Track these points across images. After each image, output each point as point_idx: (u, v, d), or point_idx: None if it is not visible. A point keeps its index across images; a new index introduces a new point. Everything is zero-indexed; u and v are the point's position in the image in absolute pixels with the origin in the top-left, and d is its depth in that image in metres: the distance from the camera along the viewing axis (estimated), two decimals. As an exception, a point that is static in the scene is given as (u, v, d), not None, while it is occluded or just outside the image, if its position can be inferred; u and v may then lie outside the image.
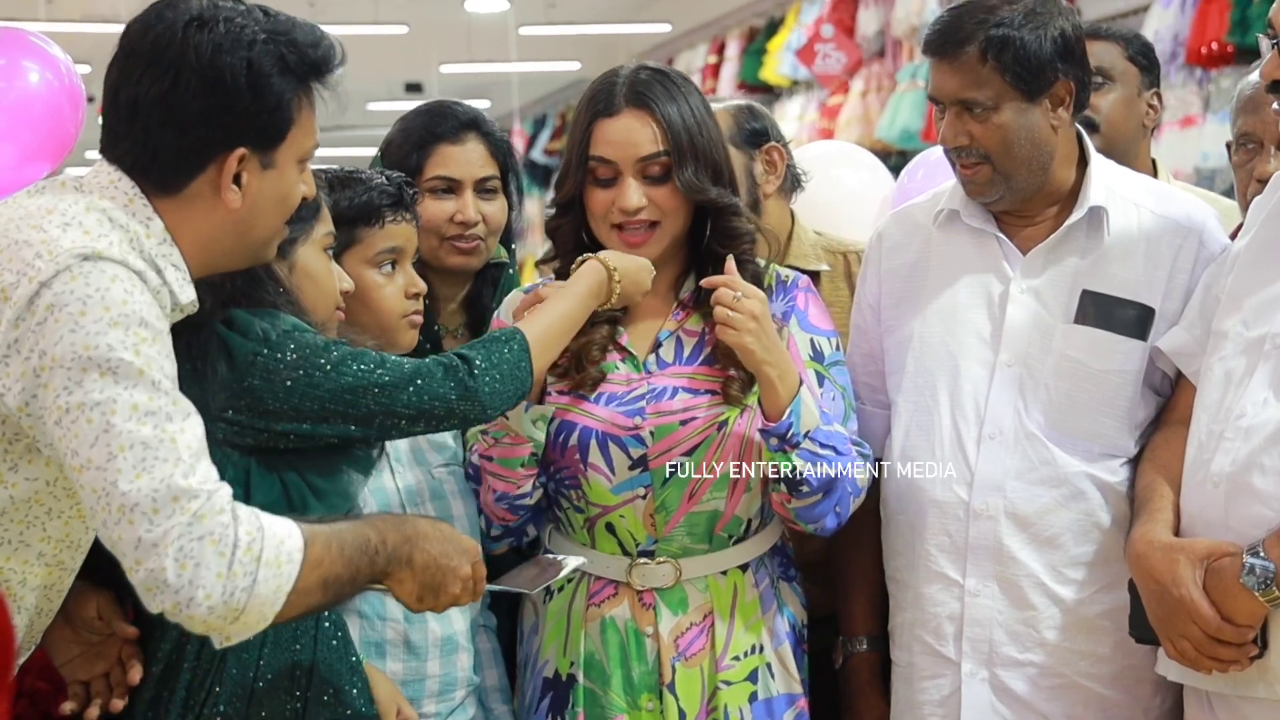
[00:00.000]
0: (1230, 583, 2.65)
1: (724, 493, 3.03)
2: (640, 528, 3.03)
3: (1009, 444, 3.06)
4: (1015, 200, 3.10)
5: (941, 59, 3.04)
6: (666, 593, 3.04)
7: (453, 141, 3.38)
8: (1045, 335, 3.07)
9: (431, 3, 16.59)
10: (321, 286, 2.79)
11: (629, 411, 3.02)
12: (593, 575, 3.07)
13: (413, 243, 3.06)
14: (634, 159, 2.98)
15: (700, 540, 3.05)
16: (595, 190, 3.02)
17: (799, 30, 13.83)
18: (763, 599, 3.10)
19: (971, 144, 3.04)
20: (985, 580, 3.07)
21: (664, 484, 3.01)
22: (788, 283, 3.15)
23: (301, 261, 2.76)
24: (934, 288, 3.19)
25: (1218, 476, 2.73)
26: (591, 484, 3.03)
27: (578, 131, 3.03)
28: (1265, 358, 2.74)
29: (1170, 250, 3.07)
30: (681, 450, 3.01)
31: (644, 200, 2.98)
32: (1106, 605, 3.03)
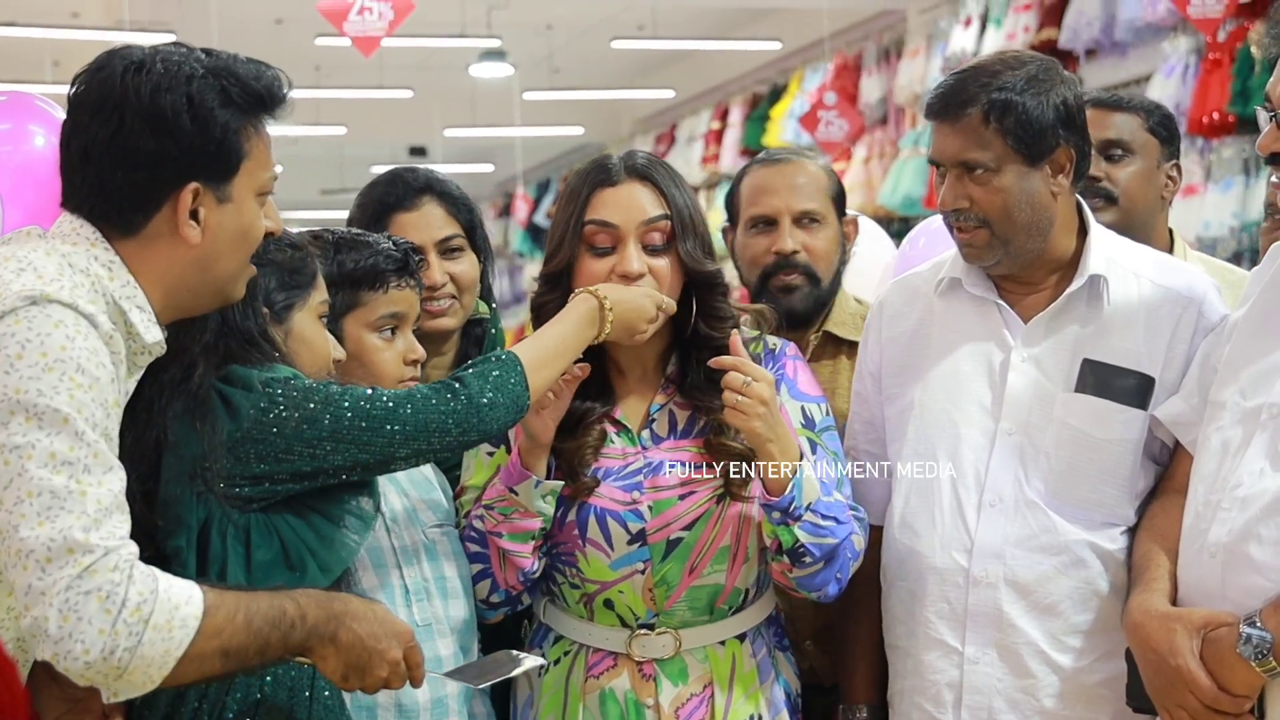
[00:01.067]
0: (1227, 653, 2.65)
1: (724, 565, 3.04)
2: (639, 602, 3.03)
3: (1009, 512, 3.07)
4: (1014, 265, 3.11)
5: (943, 121, 3.07)
6: (666, 663, 3.04)
7: (408, 209, 3.41)
8: (1046, 404, 3.09)
9: (436, 68, 16.70)
10: (316, 352, 2.80)
11: (627, 486, 3.02)
12: (590, 647, 3.07)
13: (414, 309, 3.08)
14: (638, 222, 2.99)
15: (701, 613, 3.06)
16: (591, 260, 3.01)
17: (802, 97, 13.93)
18: (760, 668, 3.10)
19: (971, 207, 3.05)
20: (984, 648, 3.07)
21: (663, 559, 3.01)
22: (775, 351, 3.16)
23: (297, 327, 2.78)
24: (935, 356, 3.20)
25: (1214, 546, 2.74)
26: (590, 560, 3.02)
27: (573, 203, 3.03)
28: (1262, 428, 2.75)
29: (1170, 320, 3.09)
30: (681, 525, 3.01)
31: (645, 268, 2.98)
32: (1106, 674, 3.03)
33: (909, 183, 11.94)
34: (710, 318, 3.06)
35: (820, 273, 3.65)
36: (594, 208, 3.01)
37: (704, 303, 3.07)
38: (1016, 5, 11.08)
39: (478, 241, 3.46)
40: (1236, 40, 8.89)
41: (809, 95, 13.68)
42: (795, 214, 3.64)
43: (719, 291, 3.07)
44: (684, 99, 17.28)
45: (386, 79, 15.68)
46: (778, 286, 3.63)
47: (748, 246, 3.69)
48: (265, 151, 2.46)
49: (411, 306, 3.06)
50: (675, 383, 3.11)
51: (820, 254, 3.65)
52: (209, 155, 2.37)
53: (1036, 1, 10.89)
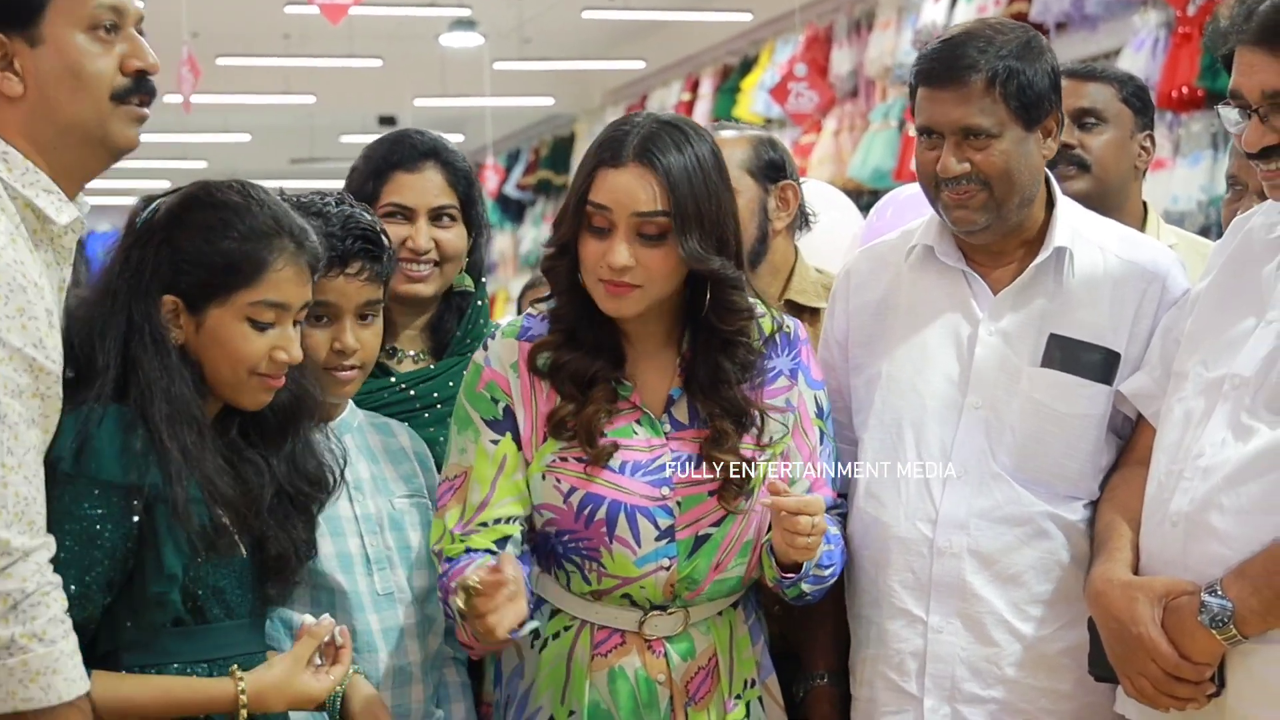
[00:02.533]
0: (1188, 621, 2.68)
1: (746, 558, 3.02)
2: (659, 594, 2.97)
3: (974, 483, 3.08)
4: (997, 233, 3.12)
5: (943, 87, 3.06)
6: (674, 638, 3.00)
7: (409, 170, 3.38)
8: (1012, 378, 3.10)
9: (406, 37, 16.64)
10: (230, 352, 2.64)
11: (656, 481, 2.95)
12: (596, 625, 3.00)
13: (349, 299, 3.00)
14: (629, 212, 2.87)
15: (717, 601, 3.04)
16: (589, 239, 2.91)
17: (773, 69, 13.93)
18: (751, 633, 3.11)
19: (973, 170, 3.06)
20: (948, 617, 3.08)
21: (690, 555, 2.96)
22: (791, 335, 3.09)
23: (211, 323, 2.64)
24: (903, 327, 3.21)
25: (1176, 516, 2.77)
26: (615, 557, 2.94)
27: (581, 176, 2.94)
28: (1224, 398, 2.78)
29: (1135, 295, 3.11)
30: (709, 522, 2.97)
31: (632, 260, 2.86)
32: (1068, 643, 3.05)
33: (879, 155, 11.94)
34: (723, 310, 2.95)
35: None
36: (594, 188, 2.90)
37: (715, 294, 2.94)
38: (988, -23, 11.10)
39: (472, 215, 3.44)
40: (1206, 14, 8.91)
41: (779, 67, 13.66)
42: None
43: (729, 285, 2.93)
44: (655, 70, 17.25)
45: (356, 48, 15.62)
46: None
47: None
48: None
49: (342, 296, 2.99)
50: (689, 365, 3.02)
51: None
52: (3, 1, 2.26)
53: (1007, -26, 10.90)
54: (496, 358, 3.01)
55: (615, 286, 2.89)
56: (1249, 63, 2.71)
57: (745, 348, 3.00)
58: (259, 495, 2.67)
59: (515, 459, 2.97)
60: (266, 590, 2.71)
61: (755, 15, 14.83)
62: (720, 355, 2.98)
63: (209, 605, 2.59)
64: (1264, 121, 2.70)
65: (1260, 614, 2.63)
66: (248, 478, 2.67)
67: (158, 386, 2.54)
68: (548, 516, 2.97)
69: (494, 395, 2.99)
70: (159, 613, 2.53)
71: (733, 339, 2.97)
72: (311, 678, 2.61)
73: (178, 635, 2.57)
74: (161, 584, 2.52)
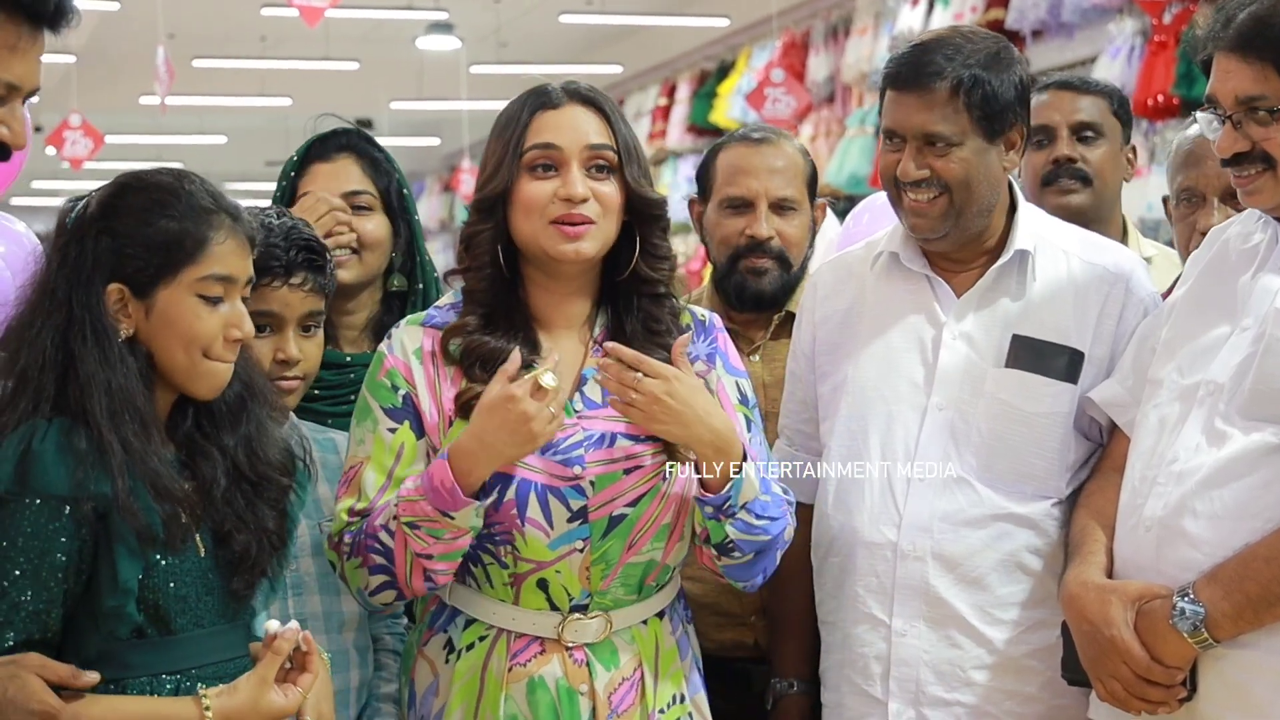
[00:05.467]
0: (1161, 624, 2.69)
1: (662, 543, 2.91)
2: (575, 582, 2.86)
3: (937, 486, 3.08)
4: (956, 241, 3.13)
5: (908, 92, 3.07)
6: (597, 647, 2.89)
7: (324, 160, 3.40)
8: (977, 379, 3.11)
9: (383, 40, 16.65)
10: (183, 332, 2.57)
11: (567, 460, 2.85)
12: (514, 633, 2.89)
13: (292, 309, 3.02)
14: (582, 145, 2.86)
15: (632, 591, 2.92)
16: (531, 183, 2.86)
17: (749, 74, 13.95)
18: (679, 646, 3.01)
19: (932, 176, 3.07)
20: (912, 620, 3.08)
21: (604, 535, 2.86)
22: (706, 322, 3.05)
23: (161, 305, 2.56)
24: (868, 333, 3.21)
25: (1150, 521, 2.77)
26: (527, 540, 2.84)
27: (511, 127, 2.90)
28: (1199, 404, 2.78)
29: (1098, 296, 3.13)
30: (625, 501, 2.86)
31: (589, 191, 2.85)
32: (1034, 646, 3.05)
33: (855, 161, 11.98)
34: (652, 256, 2.93)
35: (792, 258, 3.63)
36: (535, 131, 2.88)
37: (645, 239, 2.93)
38: (964, -15, 11.13)
39: (393, 206, 3.43)
40: (1182, 23, 8.94)
41: (756, 72, 13.69)
42: (773, 200, 3.61)
43: (661, 225, 2.94)
44: (631, 74, 17.28)
45: (333, 50, 15.63)
46: (748, 268, 3.60)
47: (720, 226, 3.66)
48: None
49: (285, 305, 3.00)
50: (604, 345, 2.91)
51: (793, 240, 3.64)
52: None
53: (984, -19, 10.93)
54: (399, 345, 2.95)
55: (571, 225, 2.85)
56: (1225, 69, 2.73)
57: (672, 300, 2.98)
58: (212, 487, 2.61)
59: (413, 449, 2.90)
60: (233, 586, 2.63)
61: (732, 20, 14.87)
62: (652, 306, 2.95)
63: (172, 615, 2.54)
64: (1237, 128, 2.73)
65: (1232, 618, 2.64)
66: (200, 470, 2.62)
67: (97, 381, 2.49)
68: None
69: (394, 383, 2.92)
70: (119, 625, 2.49)
71: (661, 293, 2.95)
72: (279, 695, 2.55)
73: (142, 648, 2.52)
74: (116, 596, 2.47)
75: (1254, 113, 2.70)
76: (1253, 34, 2.69)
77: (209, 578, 2.59)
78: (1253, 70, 2.69)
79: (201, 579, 2.58)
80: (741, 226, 3.62)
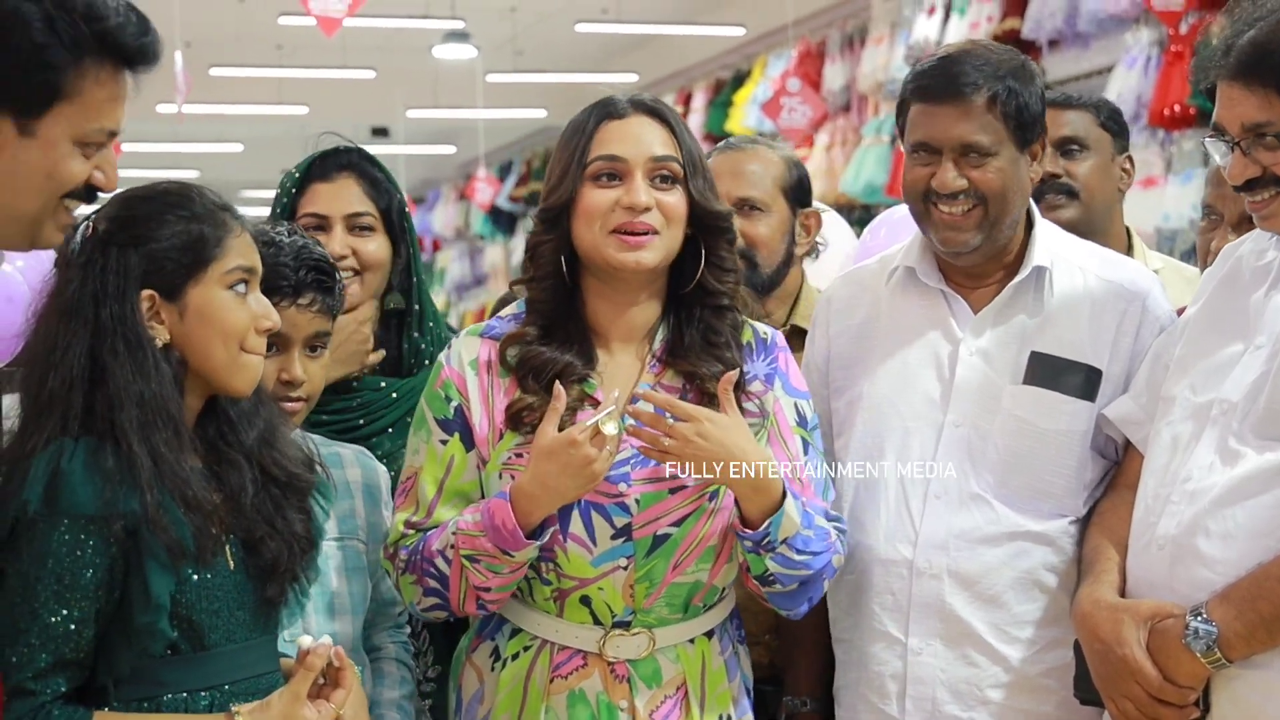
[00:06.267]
0: (1173, 644, 2.69)
1: (709, 564, 2.90)
2: (619, 599, 2.86)
3: (953, 503, 3.08)
4: (986, 254, 3.13)
5: (943, 103, 3.08)
6: (639, 664, 2.89)
7: (324, 180, 3.39)
8: (993, 396, 3.11)
9: (400, 49, 16.66)
10: (216, 326, 2.59)
11: (614, 477, 2.84)
12: (557, 645, 2.90)
13: (299, 330, 3.01)
14: (647, 157, 2.87)
15: (677, 610, 2.91)
16: (594, 191, 2.87)
17: (765, 83, 13.93)
18: (728, 666, 2.99)
19: (970, 187, 3.08)
20: (928, 639, 3.08)
21: (648, 554, 2.86)
22: (768, 341, 3.03)
23: (195, 304, 2.58)
24: (883, 349, 3.21)
25: (1163, 539, 2.77)
26: (570, 556, 2.84)
27: (576, 137, 2.90)
28: (1212, 423, 2.78)
29: (1115, 314, 3.13)
30: (669, 520, 2.86)
31: (653, 200, 2.86)
32: (1050, 664, 3.05)
33: (871, 170, 11.95)
34: (718, 269, 2.93)
35: (760, 259, 3.63)
36: (599, 142, 2.89)
37: (711, 250, 2.93)
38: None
39: (394, 226, 3.43)
40: (1198, 33, 8.93)
41: (772, 81, 13.68)
42: (734, 200, 3.59)
43: (727, 238, 2.94)
44: (647, 83, 17.24)
45: (349, 59, 15.63)
46: None
47: None
48: (99, 99, 2.28)
49: (293, 327, 2.99)
50: (663, 360, 2.94)
51: (760, 240, 3.64)
52: (14, 81, 2.21)
53: (1000, -9, 10.93)
54: (456, 355, 2.97)
55: (634, 235, 2.86)
56: (1229, 96, 2.73)
57: (734, 314, 2.97)
58: (240, 495, 2.61)
59: (463, 461, 2.93)
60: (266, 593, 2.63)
61: (748, 29, 14.86)
62: (713, 318, 2.94)
63: (206, 631, 2.54)
64: (1246, 154, 2.72)
65: (1245, 638, 2.63)
66: (228, 479, 2.62)
67: (130, 393, 2.49)
68: None
69: (448, 394, 2.94)
70: (152, 642, 2.49)
71: (724, 304, 2.94)
72: (312, 712, 2.55)
73: (176, 664, 2.52)
74: (149, 613, 2.48)
75: (1261, 138, 2.70)
76: (1254, 61, 2.68)
77: (240, 590, 2.59)
78: (1256, 97, 2.68)
79: (234, 592, 2.58)
80: None
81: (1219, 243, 3.41)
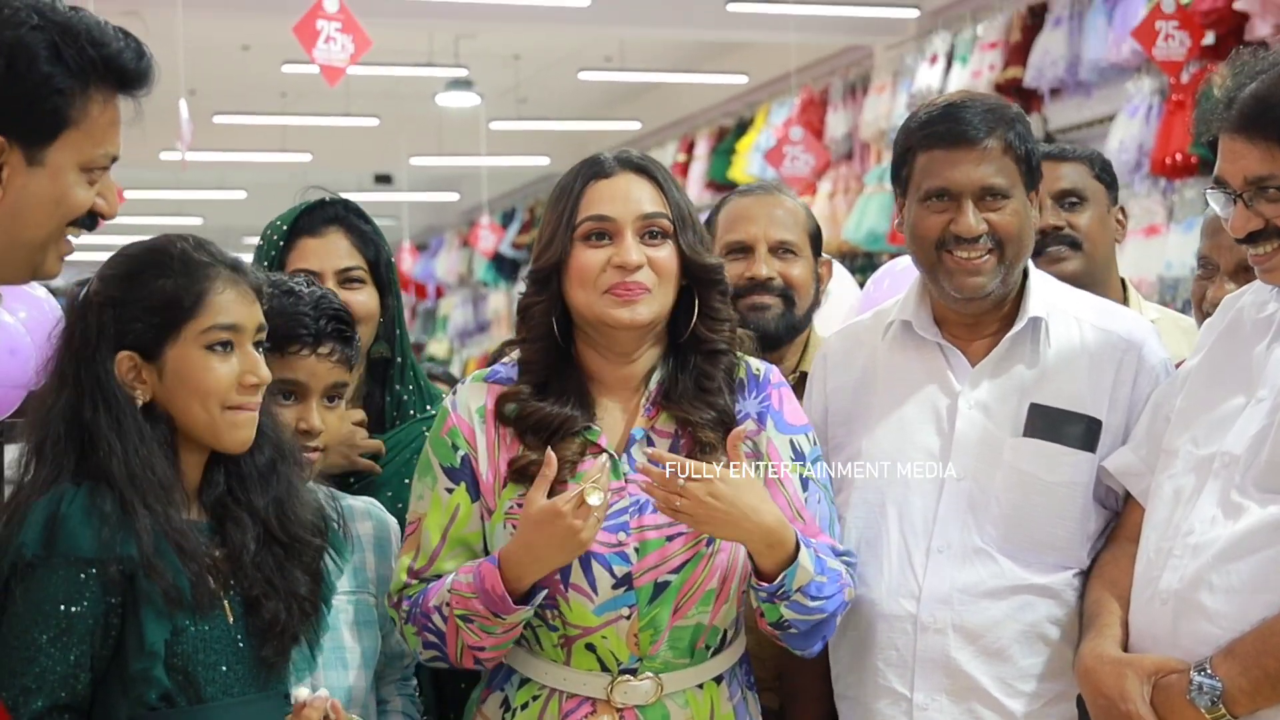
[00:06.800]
0: (1177, 699, 2.67)
1: (709, 606, 2.91)
2: (623, 647, 2.87)
3: (957, 558, 3.07)
4: (996, 299, 3.13)
5: (959, 149, 3.08)
6: (648, 709, 2.89)
7: (313, 235, 3.39)
8: (994, 449, 3.10)
9: (403, 96, 16.71)
10: (196, 387, 2.58)
11: (612, 526, 2.86)
12: (566, 692, 2.90)
13: (318, 379, 3.00)
14: (635, 215, 2.89)
15: (682, 655, 2.91)
16: (585, 251, 2.88)
17: (768, 131, 13.96)
18: (736, 712, 2.99)
19: (989, 231, 3.08)
20: (933, 694, 3.06)
21: (650, 602, 2.87)
22: (760, 377, 3.03)
23: (172, 365, 2.58)
24: (881, 404, 3.21)
25: (1165, 593, 2.76)
26: (572, 605, 2.86)
27: (564, 199, 2.91)
28: (1214, 475, 2.77)
29: (1112, 363, 3.12)
30: (669, 568, 2.87)
31: (643, 258, 2.87)
32: (1056, 718, 3.03)
33: (874, 218, 11.97)
34: (710, 319, 2.94)
35: (797, 299, 3.66)
36: (588, 202, 2.90)
37: (704, 302, 2.94)
38: (982, 43, 11.14)
39: (381, 277, 3.43)
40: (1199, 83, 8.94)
41: (775, 129, 13.71)
42: (772, 243, 3.65)
43: (719, 289, 2.95)
44: (650, 130, 17.31)
45: (353, 106, 15.68)
46: (748, 306, 3.59)
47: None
48: (104, 127, 2.28)
49: (311, 375, 2.98)
50: (657, 404, 2.95)
51: (798, 282, 3.67)
52: (20, 110, 2.20)
53: (1002, 40, 10.95)
54: (463, 403, 2.98)
55: (627, 290, 2.87)
56: (1231, 150, 2.73)
57: (729, 358, 2.97)
58: (241, 553, 2.61)
59: (468, 511, 2.94)
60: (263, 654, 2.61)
61: (751, 78, 14.90)
62: (706, 364, 2.95)
63: (202, 682, 2.53)
64: (1249, 207, 2.72)
65: (1249, 694, 2.62)
66: (230, 536, 2.62)
67: (115, 450, 2.51)
68: None
69: (455, 442, 2.95)
70: (147, 689, 2.48)
71: (718, 350, 2.95)
72: None
73: (172, 716, 2.51)
74: (143, 660, 2.47)
75: (1264, 191, 2.70)
76: (1255, 114, 2.69)
77: (239, 644, 2.58)
78: (1258, 150, 2.68)
79: (230, 646, 2.57)
80: (742, 270, 3.63)
81: (1215, 293, 3.41)
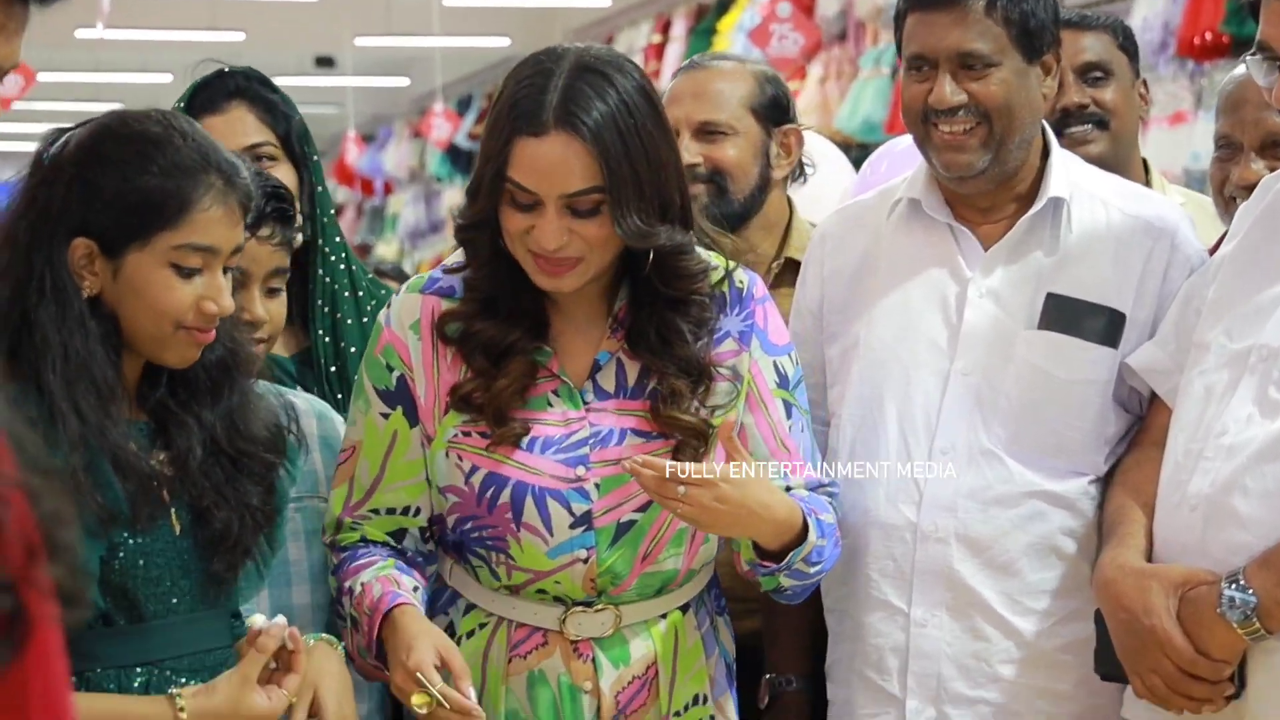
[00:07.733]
0: (1207, 613, 2.69)
1: (681, 549, 2.90)
2: (578, 590, 2.86)
3: (962, 460, 3.07)
4: (993, 179, 3.11)
5: (937, 10, 3.07)
6: (605, 642, 2.88)
7: (214, 111, 3.35)
8: (1006, 342, 3.10)
9: (347, -32, 16.61)
10: (151, 302, 2.53)
11: (570, 460, 2.84)
12: (515, 622, 2.89)
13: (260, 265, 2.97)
14: (559, 193, 2.72)
15: (649, 596, 2.92)
16: (511, 211, 2.76)
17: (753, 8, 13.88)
18: (704, 642, 2.99)
19: (971, 102, 3.07)
20: (933, 609, 3.08)
21: (611, 544, 2.85)
22: (744, 291, 2.96)
23: (129, 270, 2.53)
24: (883, 289, 3.20)
25: (1195, 499, 2.77)
26: (524, 547, 2.83)
27: (495, 142, 2.77)
28: (1250, 371, 2.78)
29: (1141, 252, 3.11)
30: (633, 506, 2.85)
31: (565, 237, 2.73)
32: (1068, 638, 3.05)
33: (869, 105, 11.93)
34: (669, 276, 2.83)
35: (730, 185, 3.64)
36: (515, 163, 2.73)
37: (661, 264, 2.82)
38: (992, -90, 11.11)
39: (295, 151, 3.40)
40: (1232, -51, 8.93)
41: (760, 6, 13.64)
42: (694, 125, 3.63)
43: (679, 252, 2.81)
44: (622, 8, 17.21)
45: (291, -21, 15.61)
46: None
47: None
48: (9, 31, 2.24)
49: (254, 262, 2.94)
50: (625, 326, 2.90)
51: (729, 164, 3.64)
52: None
53: (1014, -93, 10.92)
54: (396, 317, 2.92)
55: (551, 265, 2.78)
56: (1277, 11, 2.72)
57: (699, 304, 2.89)
58: (187, 458, 2.58)
59: (407, 436, 2.90)
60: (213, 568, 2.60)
61: (734, -53, 14.83)
62: (670, 312, 2.87)
63: (143, 599, 2.52)
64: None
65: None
66: (174, 439, 2.59)
67: (54, 343, 2.47)
68: (451, 501, 2.88)
69: (389, 361, 2.90)
70: None
71: (684, 298, 2.88)
72: (262, 698, 2.52)
73: (109, 636, 2.51)
74: None
75: None
76: None
77: (185, 558, 2.58)
78: None
79: (177, 559, 2.57)
80: None
81: (1241, 174, 3.39)
